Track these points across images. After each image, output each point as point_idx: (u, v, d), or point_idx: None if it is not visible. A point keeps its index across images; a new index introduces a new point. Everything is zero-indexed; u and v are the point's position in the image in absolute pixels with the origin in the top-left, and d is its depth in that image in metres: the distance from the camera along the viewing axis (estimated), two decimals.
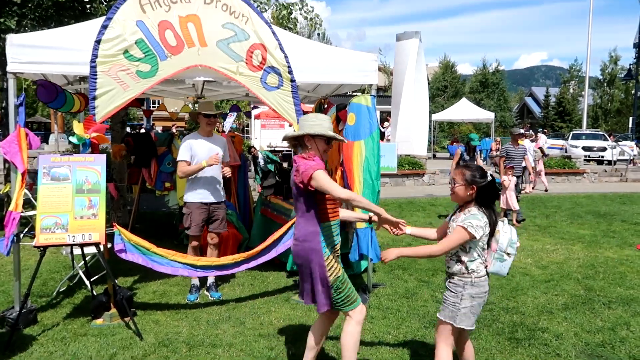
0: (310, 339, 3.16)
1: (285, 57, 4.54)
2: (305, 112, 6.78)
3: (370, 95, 4.95)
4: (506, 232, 2.86)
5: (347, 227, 5.45)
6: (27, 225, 6.78)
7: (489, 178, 2.82)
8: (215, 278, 4.99)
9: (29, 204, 7.29)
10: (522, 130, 11.05)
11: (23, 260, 5.73)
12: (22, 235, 4.33)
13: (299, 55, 4.71)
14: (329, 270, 2.94)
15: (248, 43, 4.46)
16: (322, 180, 2.84)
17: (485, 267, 2.87)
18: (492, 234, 2.84)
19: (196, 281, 4.90)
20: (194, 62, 4.37)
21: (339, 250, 3.09)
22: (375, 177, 4.86)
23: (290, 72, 4.58)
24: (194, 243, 4.79)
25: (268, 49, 4.49)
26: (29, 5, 6.76)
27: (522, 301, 4.80)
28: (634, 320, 4.32)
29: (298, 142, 3.10)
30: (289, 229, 4.79)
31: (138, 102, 7.98)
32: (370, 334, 4.01)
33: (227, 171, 4.89)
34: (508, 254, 2.85)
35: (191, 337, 3.94)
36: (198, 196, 4.74)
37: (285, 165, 7.43)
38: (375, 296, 4.93)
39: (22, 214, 4.11)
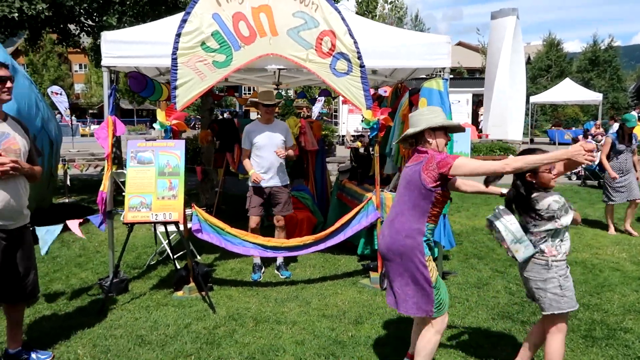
0: (412, 346, 3.10)
1: (355, 42, 4.54)
2: (384, 97, 6.81)
3: (443, 79, 4.80)
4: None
5: None
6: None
7: None
8: (285, 258, 5.19)
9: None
10: None
11: (123, 235, 6.36)
12: (115, 212, 4.82)
13: (370, 40, 4.69)
14: (430, 270, 2.79)
15: (318, 30, 4.52)
16: (469, 164, 2.64)
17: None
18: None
19: (258, 260, 5.15)
20: (266, 51, 4.53)
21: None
22: None
23: (359, 58, 4.57)
24: (253, 225, 5.03)
25: (337, 35, 4.52)
26: (128, 2, 7.37)
27: (607, 298, 4.45)
28: None
29: (416, 141, 2.91)
30: (357, 213, 4.85)
31: (233, 90, 8.46)
32: None
33: (282, 153, 4.96)
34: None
35: (259, 313, 4.17)
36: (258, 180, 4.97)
37: (362, 150, 7.46)
38: (446, 284, 4.83)
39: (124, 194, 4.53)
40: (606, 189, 6.98)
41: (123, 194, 5.87)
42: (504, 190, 3.03)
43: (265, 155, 4.93)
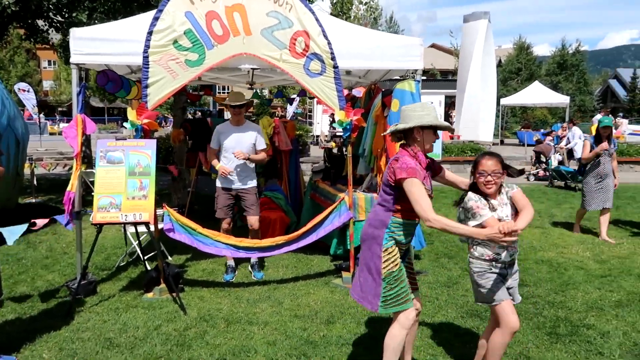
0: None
1: (329, 43, 4.56)
2: (358, 98, 6.85)
3: (415, 80, 4.87)
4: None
5: None
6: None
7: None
8: (259, 258, 5.18)
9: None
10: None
11: (91, 236, 6.22)
12: (84, 213, 4.72)
13: (343, 41, 4.71)
14: (384, 262, 2.82)
15: (292, 30, 4.52)
16: (413, 191, 2.69)
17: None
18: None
19: (231, 262, 5.12)
20: (239, 51, 4.51)
21: (407, 249, 2.98)
22: None
23: (333, 59, 4.59)
24: (225, 226, 5.02)
25: (311, 35, 4.53)
26: None
27: (572, 296, 4.59)
28: None
29: (404, 135, 2.94)
30: (330, 213, 4.87)
31: (209, 89, 8.40)
32: None
33: (241, 155, 4.85)
34: None
35: (231, 313, 4.15)
36: (224, 181, 4.97)
37: (335, 150, 7.49)
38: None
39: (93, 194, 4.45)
40: (584, 194, 6.81)
41: (92, 193, 5.77)
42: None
43: (232, 157, 4.90)
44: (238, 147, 4.89)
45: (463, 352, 3.51)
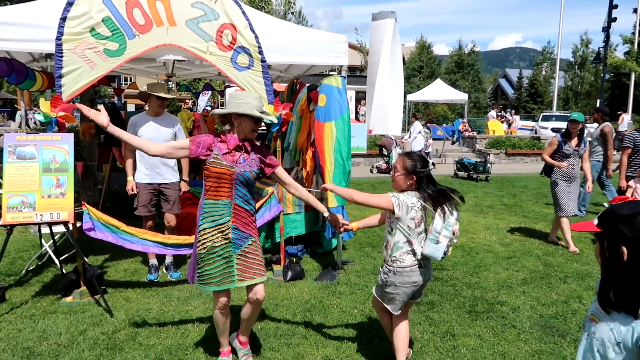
0: None
1: (256, 37, 4.54)
2: (279, 92, 6.87)
3: (341, 76, 5.00)
4: (440, 215, 2.83)
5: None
6: None
7: (430, 168, 2.87)
8: (174, 258, 5.04)
9: None
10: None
11: None
12: None
13: (269, 36, 4.72)
14: (198, 242, 3.04)
15: (218, 23, 4.44)
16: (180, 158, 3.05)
17: (415, 254, 2.89)
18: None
19: (154, 261, 4.94)
20: (163, 41, 4.35)
21: (225, 230, 3.00)
22: (346, 157, 4.95)
23: (260, 53, 4.59)
24: (149, 223, 4.83)
25: (238, 28, 4.49)
26: None
27: (484, 277, 5.01)
28: (587, 293, 4.57)
29: (227, 119, 3.13)
30: (259, 207, 4.86)
31: (108, 79, 7.87)
32: (338, 309, 4.15)
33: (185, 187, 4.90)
34: (444, 236, 2.80)
35: (162, 313, 4.01)
36: (145, 176, 4.77)
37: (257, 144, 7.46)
38: (345, 273, 5.07)
39: None
40: (555, 197, 6.06)
41: None
42: (326, 214, 3.23)
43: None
44: (157, 139, 4.65)
45: None
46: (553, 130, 22.15)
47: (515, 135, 19.45)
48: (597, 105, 23.66)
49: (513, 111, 27.88)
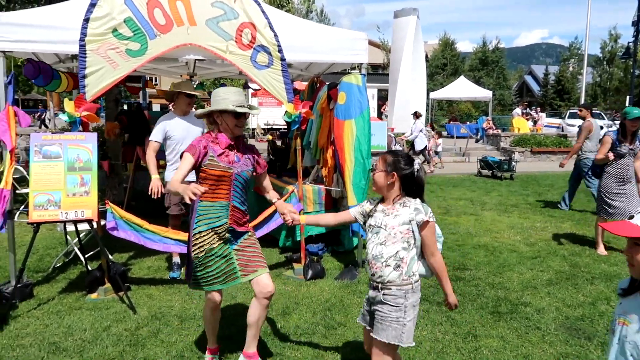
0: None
1: (275, 35, 4.54)
2: (299, 91, 6.87)
3: (361, 74, 4.97)
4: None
5: (338, 204, 5.54)
6: (23, 202, 6.87)
7: (415, 167, 2.46)
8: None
9: (25, 182, 7.36)
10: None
11: (20, 237, 5.82)
12: (17, 212, 4.41)
13: (289, 34, 4.71)
14: (193, 246, 2.95)
15: (237, 22, 4.46)
16: (182, 163, 2.89)
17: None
18: None
19: (177, 259, 4.97)
20: (184, 41, 4.38)
21: (222, 232, 2.95)
22: (366, 155, 4.91)
23: (280, 51, 4.58)
24: (174, 222, 4.85)
25: (257, 27, 4.49)
26: None
27: (508, 277, 4.92)
28: (615, 295, 4.43)
29: (211, 119, 3.04)
30: None
31: (133, 80, 7.99)
32: (359, 308, 4.11)
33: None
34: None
35: (183, 310, 4.05)
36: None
37: (279, 143, 7.48)
38: (365, 272, 5.03)
39: (18, 192, 4.19)
40: (601, 199, 5.64)
41: (17, 191, 5.38)
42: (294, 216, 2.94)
43: (183, 148, 4.74)
44: (188, 138, 4.73)
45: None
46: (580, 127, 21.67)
47: (541, 133, 19.05)
48: (627, 102, 23.03)
49: (539, 108, 27.34)
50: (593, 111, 7.74)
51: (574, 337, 3.61)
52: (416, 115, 14.31)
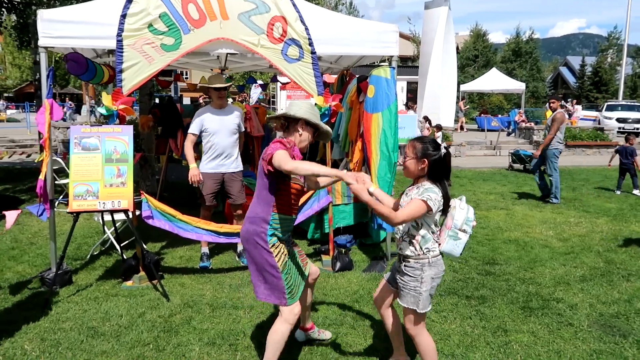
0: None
1: (306, 29, 4.57)
2: (329, 84, 6.88)
3: (390, 67, 4.95)
4: (463, 208, 2.65)
5: None
6: (62, 192, 7.12)
7: (443, 151, 2.61)
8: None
9: (63, 173, 7.64)
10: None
11: (59, 226, 6.05)
12: (56, 202, 4.58)
13: (319, 27, 4.73)
14: (276, 256, 2.78)
15: (269, 15, 4.50)
16: (278, 157, 2.62)
17: (439, 245, 2.69)
18: (445, 210, 2.67)
19: (206, 249, 5.07)
20: (216, 35, 4.45)
21: (289, 241, 2.95)
22: (392, 149, 4.90)
23: (310, 44, 4.61)
24: (205, 213, 4.94)
25: (288, 21, 4.52)
26: None
27: (540, 272, 4.84)
28: None
29: (288, 123, 2.91)
30: (308, 198, 4.92)
31: (179, 75, 8.13)
32: None
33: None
34: (464, 232, 2.65)
35: (214, 299, 4.15)
36: (209, 167, 4.90)
37: None
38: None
39: (57, 182, 4.35)
40: None
41: (56, 182, 5.57)
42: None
43: (218, 140, 4.85)
44: (223, 130, 4.83)
45: (444, 326, 3.66)
46: (618, 120, 20.97)
47: (577, 126, 18.54)
48: None
49: (574, 101, 26.56)
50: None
51: (608, 335, 3.55)
52: (408, 106, 13.93)
